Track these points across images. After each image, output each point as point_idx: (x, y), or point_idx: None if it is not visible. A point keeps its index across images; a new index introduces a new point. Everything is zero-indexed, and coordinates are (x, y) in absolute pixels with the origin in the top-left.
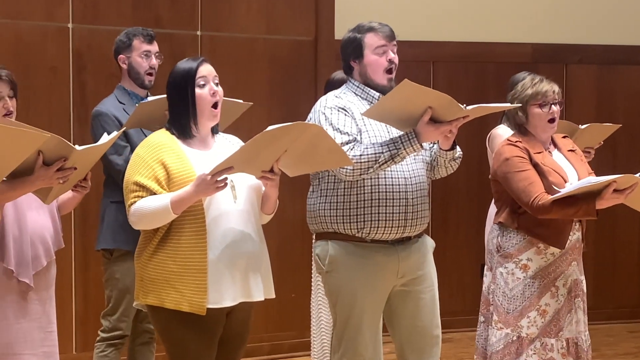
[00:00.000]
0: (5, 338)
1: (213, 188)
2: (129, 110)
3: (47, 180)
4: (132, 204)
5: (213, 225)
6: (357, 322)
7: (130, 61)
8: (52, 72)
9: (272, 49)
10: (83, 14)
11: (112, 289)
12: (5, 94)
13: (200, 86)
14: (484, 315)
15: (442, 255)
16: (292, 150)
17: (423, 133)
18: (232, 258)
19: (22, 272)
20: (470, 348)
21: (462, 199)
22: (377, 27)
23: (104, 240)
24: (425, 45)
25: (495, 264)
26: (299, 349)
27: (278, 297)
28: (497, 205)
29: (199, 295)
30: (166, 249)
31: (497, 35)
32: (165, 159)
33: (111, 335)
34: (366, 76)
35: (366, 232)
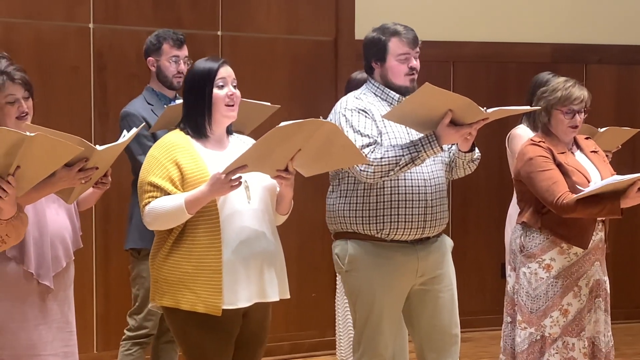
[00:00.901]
0: (25, 340)
1: (227, 187)
2: (157, 111)
3: (69, 181)
4: (146, 204)
5: (227, 225)
6: (377, 321)
7: (158, 64)
8: (73, 72)
9: (292, 49)
10: (104, 14)
11: (139, 288)
12: (20, 96)
13: (218, 87)
14: (510, 315)
15: (462, 255)
16: (306, 149)
17: (443, 135)
18: (247, 258)
19: (42, 274)
20: (490, 347)
21: (482, 199)
22: (402, 32)
23: (132, 240)
24: (445, 46)
25: (519, 264)
26: (319, 349)
27: (298, 296)
28: (520, 206)
29: (214, 296)
30: (181, 250)
31: (517, 35)
32: (179, 159)
33: (137, 334)
34: (387, 79)
35: (386, 233)
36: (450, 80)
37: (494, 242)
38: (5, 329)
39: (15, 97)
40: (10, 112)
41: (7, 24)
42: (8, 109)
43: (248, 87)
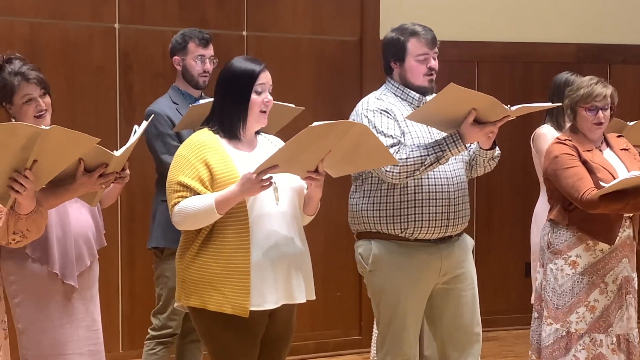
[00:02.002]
0: (51, 339)
1: (258, 187)
2: (182, 110)
3: (90, 187)
4: (175, 204)
5: (256, 227)
6: (401, 320)
7: (184, 63)
8: (98, 72)
9: (317, 49)
10: (129, 14)
11: (162, 288)
12: (36, 94)
13: (257, 92)
14: (538, 311)
15: (486, 255)
16: (336, 150)
17: (467, 134)
18: (275, 260)
19: (67, 274)
20: (515, 346)
21: (506, 198)
22: (420, 32)
23: (155, 239)
24: (469, 46)
25: (546, 260)
26: (344, 347)
27: (323, 296)
28: (550, 203)
29: (242, 297)
30: (209, 251)
31: (542, 35)
32: (209, 159)
33: (161, 333)
34: (406, 79)
35: (410, 232)
36: (474, 80)
37: (518, 241)
38: (30, 329)
39: (31, 97)
40: (27, 111)
41: (34, 24)
42: (25, 108)
43: (273, 87)
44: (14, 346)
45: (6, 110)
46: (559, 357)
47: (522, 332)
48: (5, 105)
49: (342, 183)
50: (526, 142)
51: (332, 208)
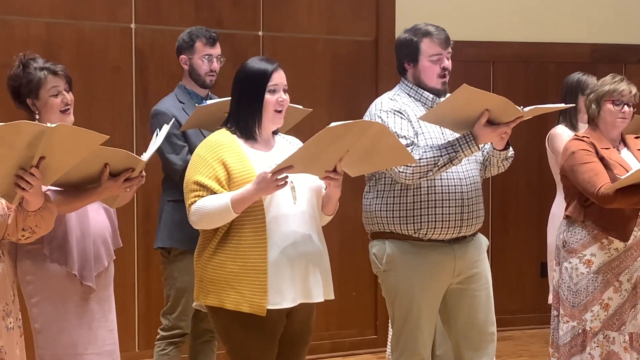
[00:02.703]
0: (67, 339)
1: (274, 186)
2: (188, 109)
3: (115, 191)
4: (192, 204)
5: (273, 226)
6: (415, 320)
7: (191, 62)
8: (114, 72)
9: (333, 50)
10: (146, 15)
11: (170, 288)
12: (62, 88)
13: (270, 92)
14: (556, 309)
15: (502, 254)
16: (354, 150)
17: (480, 135)
18: (292, 259)
19: (85, 275)
20: (530, 346)
21: (522, 198)
22: (433, 32)
23: (161, 239)
24: (485, 46)
25: (562, 259)
26: (360, 347)
27: (339, 295)
28: (567, 200)
29: (259, 296)
30: (226, 250)
31: (557, 35)
32: (226, 158)
33: (171, 333)
34: (419, 80)
35: (423, 233)
36: (490, 80)
37: (533, 241)
38: (48, 329)
39: (58, 90)
40: (54, 104)
41: (50, 25)
42: (52, 101)
43: (289, 88)
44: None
45: (30, 107)
46: (576, 354)
47: (537, 332)
48: (30, 101)
49: (358, 183)
50: (541, 143)
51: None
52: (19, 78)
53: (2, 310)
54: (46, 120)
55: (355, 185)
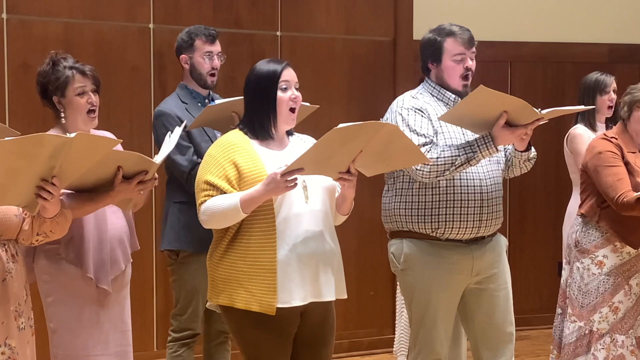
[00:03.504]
0: (81, 340)
1: (283, 187)
2: (191, 109)
3: (128, 194)
4: (202, 203)
5: (283, 225)
6: (432, 319)
7: (192, 62)
8: (133, 72)
9: (351, 50)
10: (164, 15)
11: (179, 290)
12: (89, 88)
13: (282, 90)
14: (561, 308)
15: (519, 254)
16: (368, 150)
17: (499, 136)
18: (303, 258)
19: (101, 278)
20: (547, 345)
21: (539, 197)
22: (457, 32)
23: (168, 241)
24: (503, 46)
25: (573, 258)
26: (378, 346)
27: (357, 295)
28: (582, 197)
29: (269, 295)
30: (236, 249)
31: (574, 35)
32: (237, 158)
33: (182, 335)
34: (442, 79)
35: (441, 232)
36: (507, 80)
37: (550, 240)
38: (62, 329)
39: (84, 89)
40: (79, 104)
41: (69, 25)
42: (77, 101)
43: (307, 88)
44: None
45: (56, 104)
46: (581, 354)
47: None
48: (57, 98)
49: (375, 182)
50: (558, 142)
51: (365, 207)
52: (47, 75)
53: (15, 310)
54: (71, 119)
55: (373, 185)
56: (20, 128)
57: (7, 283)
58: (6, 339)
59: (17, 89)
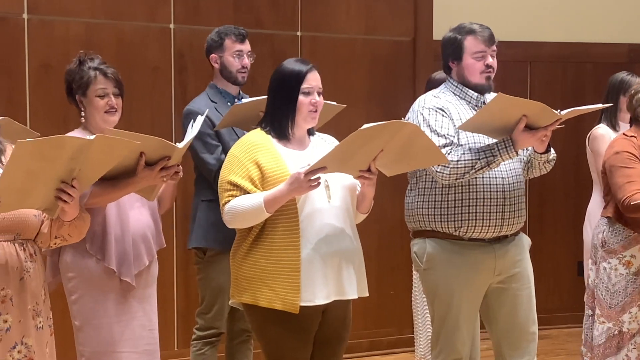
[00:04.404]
0: (107, 336)
1: (306, 187)
2: (220, 109)
3: (151, 180)
4: (225, 203)
5: (307, 224)
6: (455, 319)
7: (222, 61)
8: (154, 72)
9: (371, 50)
10: (185, 15)
11: (205, 288)
12: (110, 91)
13: (304, 93)
14: (591, 308)
15: (539, 253)
16: (388, 150)
17: (519, 140)
18: (326, 256)
19: (124, 271)
20: (567, 344)
21: (559, 197)
22: (477, 30)
23: (196, 239)
24: (522, 46)
25: (599, 258)
26: (398, 346)
27: (377, 294)
28: (606, 200)
29: (292, 293)
30: (260, 248)
31: (594, 35)
32: (260, 158)
33: (207, 333)
34: (464, 78)
35: (463, 231)
36: (527, 80)
37: (570, 240)
38: (88, 325)
39: (105, 91)
40: (99, 105)
41: (89, 25)
42: (97, 101)
43: (327, 88)
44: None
45: (77, 103)
46: (610, 355)
47: (574, 330)
48: (79, 97)
49: (396, 182)
50: (578, 142)
51: (386, 207)
52: (73, 73)
53: (32, 309)
54: (90, 118)
55: (393, 185)
56: (41, 128)
57: (24, 282)
58: (23, 338)
59: (38, 89)
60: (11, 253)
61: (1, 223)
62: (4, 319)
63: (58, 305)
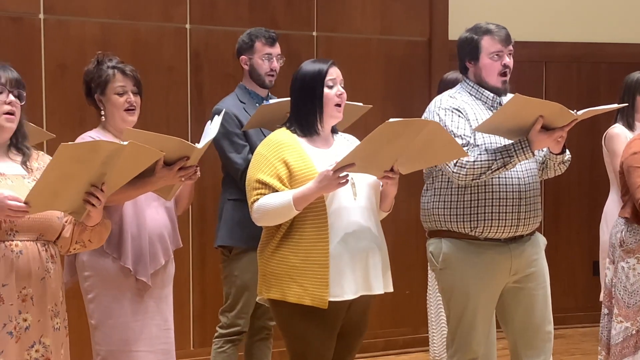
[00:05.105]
0: (123, 335)
1: (335, 184)
2: (248, 109)
3: (169, 180)
4: (254, 201)
5: (334, 220)
6: (471, 318)
7: (252, 62)
8: (169, 72)
9: (386, 50)
10: (200, 15)
11: (230, 286)
12: (129, 89)
13: (329, 87)
14: (608, 308)
15: (554, 253)
16: (410, 149)
17: (536, 141)
18: (353, 252)
19: (140, 270)
20: (582, 344)
21: (574, 197)
22: (494, 30)
23: (221, 238)
24: (537, 46)
25: (617, 258)
26: (413, 345)
27: (392, 293)
28: (624, 200)
29: (321, 289)
30: (288, 244)
31: (608, 35)
32: (287, 157)
33: (229, 331)
34: (480, 78)
35: (479, 231)
36: (542, 80)
37: (585, 240)
38: (104, 324)
39: (124, 89)
40: (118, 102)
41: (105, 25)
42: (115, 99)
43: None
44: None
45: (96, 102)
46: (628, 355)
47: (589, 330)
48: (98, 96)
49: (411, 182)
50: (593, 142)
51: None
52: (92, 73)
53: (51, 310)
54: (110, 116)
55: (409, 184)
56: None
57: (45, 282)
58: (41, 337)
59: (54, 89)
60: (34, 253)
61: (26, 222)
62: (23, 317)
63: (73, 304)
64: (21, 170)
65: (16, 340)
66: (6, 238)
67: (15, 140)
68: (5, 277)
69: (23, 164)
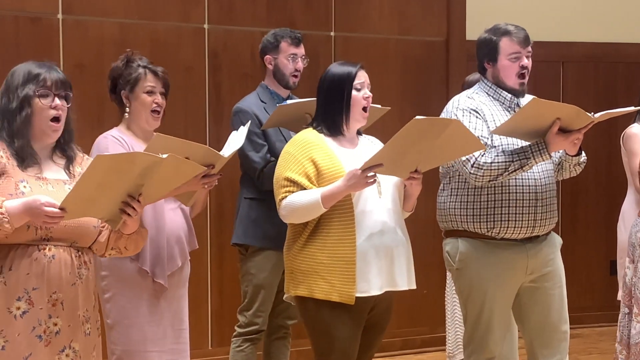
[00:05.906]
0: (139, 335)
1: (363, 183)
2: (269, 109)
3: (193, 187)
4: (282, 199)
5: (361, 218)
6: (488, 318)
7: (276, 62)
8: (187, 72)
9: (404, 50)
10: (218, 15)
11: (247, 285)
12: (158, 90)
13: (357, 89)
14: (628, 307)
15: (571, 253)
16: (433, 149)
17: (553, 143)
18: (379, 249)
19: (157, 272)
20: (599, 343)
21: (591, 197)
22: (512, 31)
23: (237, 235)
24: (555, 46)
25: (638, 257)
26: (431, 345)
27: (410, 293)
28: None
29: (348, 285)
30: (315, 242)
31: (626, 35)
32: (315, 156)
33: (247, 330)
34: (498, 79)
35: (496, 232)
36: (559, 80)
37: (602, 239)
38: (120, 325)
39: (153, 89)
40: (146, 101)
41: (123, 25)
42: (144, 98)
43: None
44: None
45: (123, 98)
46: None
47: (606, 330)
48: (125, 93)
49: (428, 181)
50: (610, 142)
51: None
52: (120, 70)
53: (82, 315)
54: (135, 114)
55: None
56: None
57: (76, 287)
58: (71, 342)
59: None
60: (66, 259)
61: (61, 230)
62: (54, 322)
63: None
64: (63, 175)
65: (46, 344)
66: (40, 243)
67: (62, 141)
68: (36, 281)
69: (66, 168)
